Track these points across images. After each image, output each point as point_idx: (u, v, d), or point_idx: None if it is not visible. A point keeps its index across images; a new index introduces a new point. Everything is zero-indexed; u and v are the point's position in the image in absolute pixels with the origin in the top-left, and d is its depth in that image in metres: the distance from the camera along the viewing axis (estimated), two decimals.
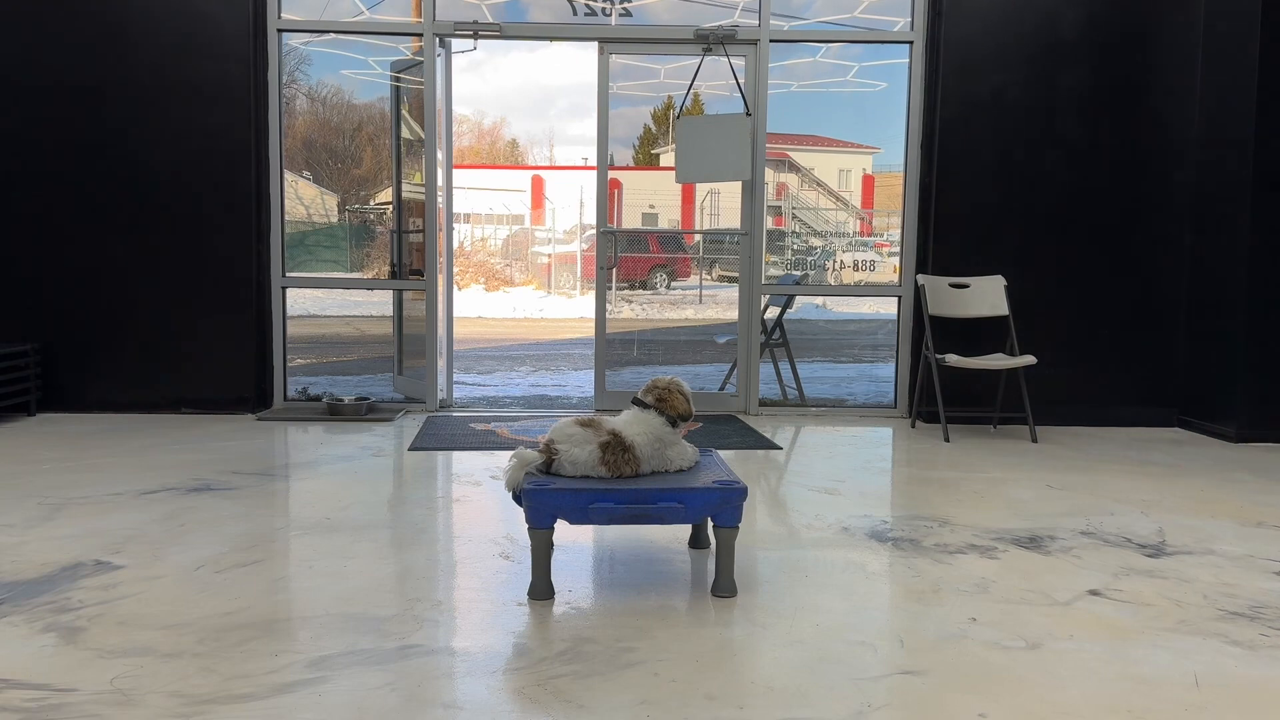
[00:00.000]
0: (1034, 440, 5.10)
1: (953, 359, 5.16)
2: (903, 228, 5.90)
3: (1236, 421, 5.17)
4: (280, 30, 5.58)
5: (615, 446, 2.71)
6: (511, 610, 2.57)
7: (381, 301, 11.37)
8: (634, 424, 2.80)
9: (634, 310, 14.70)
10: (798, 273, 16.31)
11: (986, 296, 5.45)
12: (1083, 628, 2.50)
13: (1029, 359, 5.11)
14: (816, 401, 6.30)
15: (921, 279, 5.50)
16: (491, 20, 5.73)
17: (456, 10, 5.83)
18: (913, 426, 5.52)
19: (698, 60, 5.76)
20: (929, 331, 5.36)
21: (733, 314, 6.09)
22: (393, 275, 6.62)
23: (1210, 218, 5.43)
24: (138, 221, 5.44)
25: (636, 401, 2.89)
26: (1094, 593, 2.77)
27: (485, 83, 48.65)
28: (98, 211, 5.42)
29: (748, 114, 5.68)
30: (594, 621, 2.49)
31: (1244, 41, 5.15)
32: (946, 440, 5.09)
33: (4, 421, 5.16)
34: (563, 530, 2.73)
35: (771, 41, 5.72)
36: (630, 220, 18.40)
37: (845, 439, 5.16)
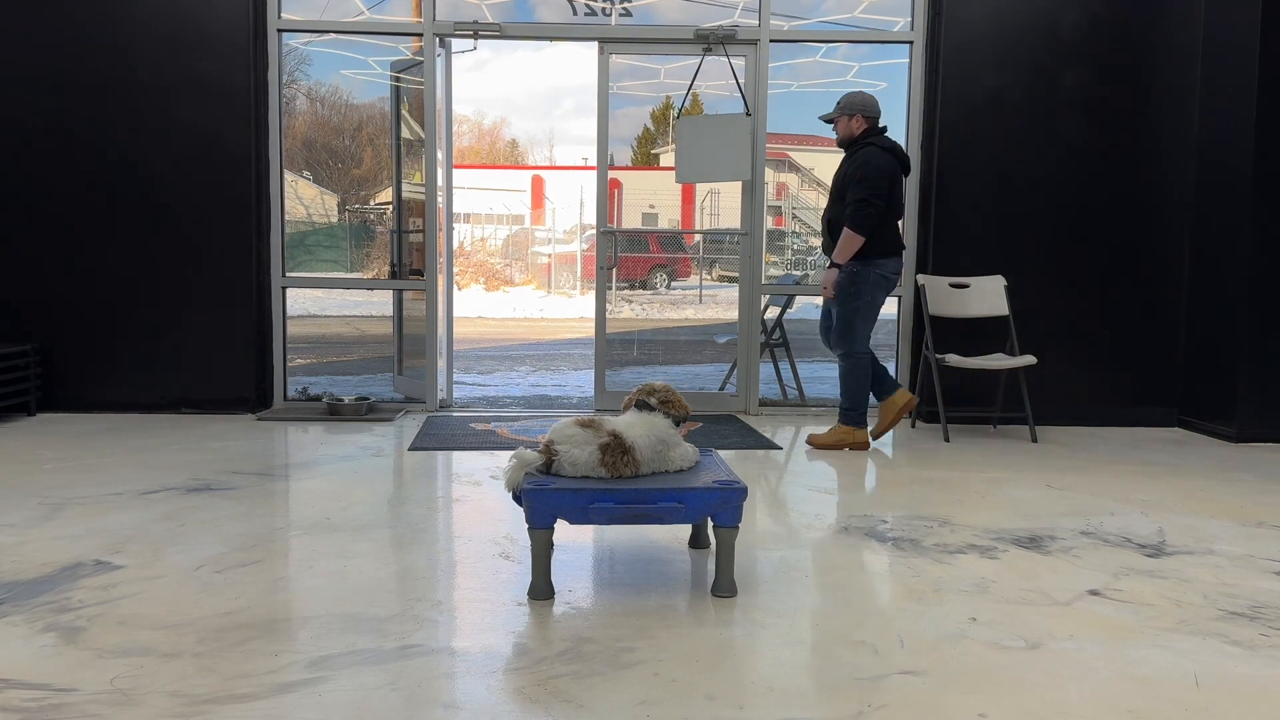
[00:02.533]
0: (1034, 440, 5.10)
1: (953, 359, 5.16)
2: (903, 228, 5.89)
3: (1236, 421, 5.17)
4: (280, 30, 5.58)
5: (615, 448, 2.70)
6: (511, 610, 2.57)
7: (381, 301, 11.36)
8: (638, 425, 2.80)
9: (634, 310, 14.70)
10: (798, 273, 16.30)
11: (986, 296, 5.45)
12: (1083, 628, 2.50)
13: (1029, 359, 5.11)
14: (816, 401, 6.29)
15: (921, 279, 5.50)
16: (491, 20, 5.73)
17: (456, 10, 5.83)
18: (913, 426, 5.52)
19: (698, 60, 5.76)
20: (929, 331, 5.36)
21: (733, 314, 6.09)
22: (393, 275, 6.62)
23: (1210, 218, 5.42)
24: (138, 221, 5.44)
25: (640, 404, 2.89)
26: (1094, 593, 2.77)
27: (490, 82, 48.73)
28: (97, 211, 5.42)
29: (748, 114, 5.68)
30: (594, 621, 2.49)
31: (1244, 41, 5.15)
32: (946, 440, 5.09)
33: (4, 421, 5.16)
34: (563, 530, 2.73)
35: (771, 41, 5.72)
36: (630, 220, 18.39)
37: None
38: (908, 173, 4.84)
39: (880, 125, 4.79)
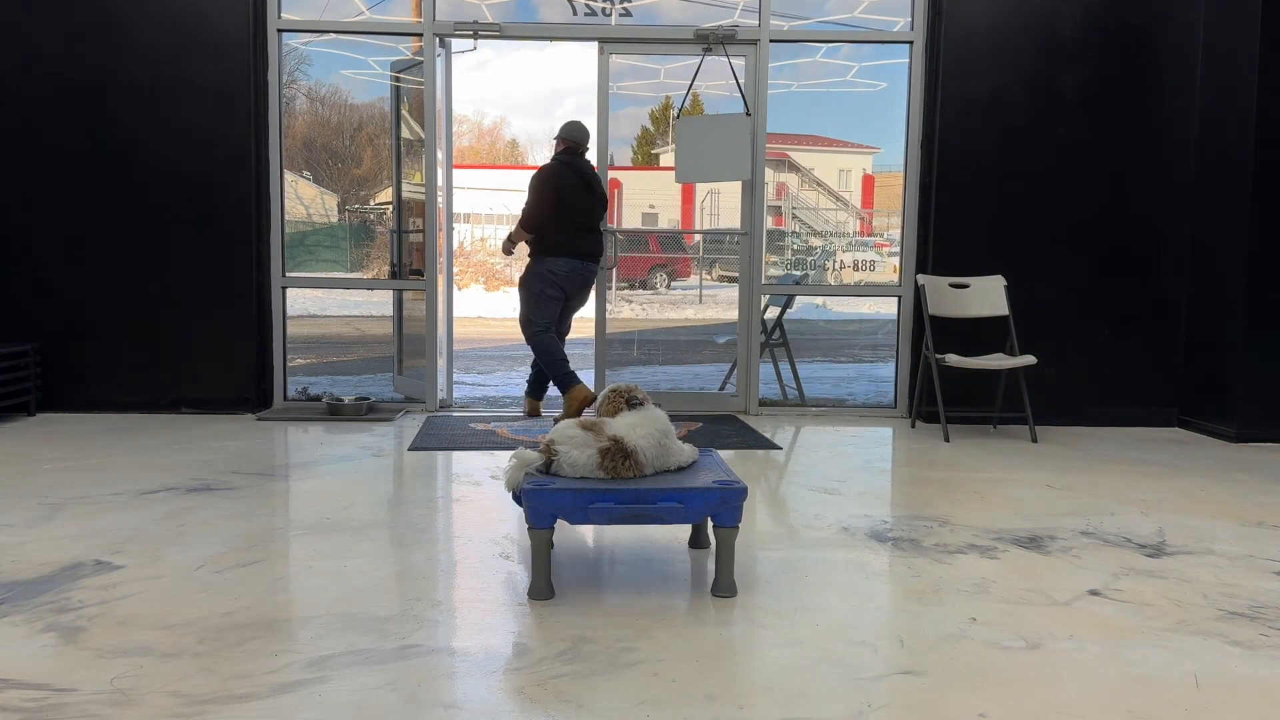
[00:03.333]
0: (1034, 440, 5.10)
1: (953, 359, 5.16)
2: (903, 228, 5.90)
3: (1236, 421, 5.17)
4: (280, 30, 5.57)
5: (615, 453, 2.69)
6: (511, 610, 2.57)
7: (381, 301, 11.37)
8: (640, 425, 2.78)
9: (634, 310, 14.70)
10: (798, 273, 16.31)
11: (986, 296, 5.45)
12: (1083, 628, 2.50)
13: (1029, 359, 5.11)
14: (816, 401, 6.29)
15: (921, 279, 5.50)
16: (491, 20, 5.73)
17: (456, 10, 5.83)
18: (913, 426, 5.52)
19: (698, 60, 5.76)
20: (929, 331, 5.36)
21: (733, 314, 6.09)
22: (393, 275, 6.62)
23: (1210, 218, 5.42)
24: (137, 221, 5.44)
25: (631, 402, 2.89)
26: (1094, 593, 2.77)
27: (492, 82, 48.77)
28: (97, 211, 5.42)
29: (748, 114, 5.68)
30: (594, 621, 2.49)
31: (1244, 41, 5.15)
32: (946, 440, 5.09)
33: (4, 421, 5.16)
34: (563, 530, 2.73)
35: (771, 41, 5.72)
36: (630, 220, 18.40)
37: (845, 439, 5.16)
38: (592, 190, 5.45)
39: (582, 149, 5.50)
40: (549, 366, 5.40)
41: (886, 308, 4.89)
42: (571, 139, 5.47)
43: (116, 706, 1.99)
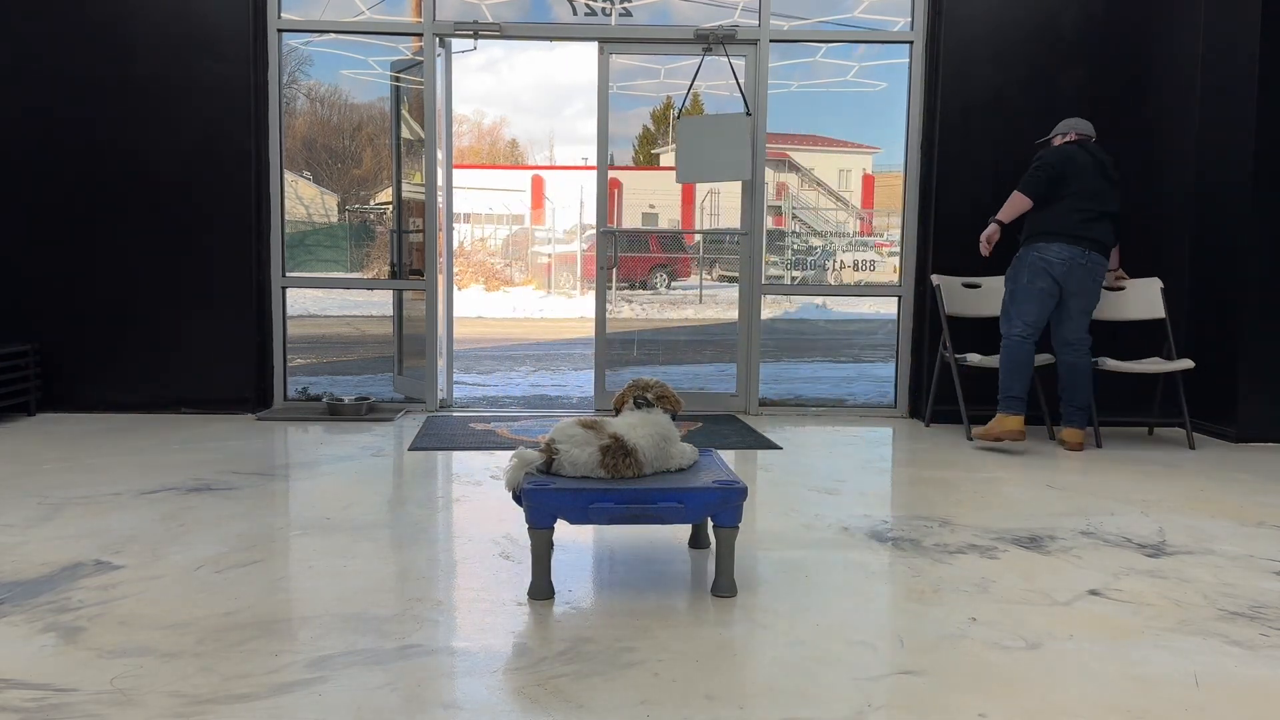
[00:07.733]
0: (1051, 437, 5.09)
1: (974, 358, 5.15)
2: (903, 228, 5.90)
3: (1236, 421, 5.16)
4: (280, 30, 5.57)
5: (616, 450, 2.69)
6: (511, 610, 2.57)
7: (381, 301, 11.36)
8: (640, 425, 2.79)
9: (634, 310, 14.69)
10: (798, 273, 16.25)
11: (999, 297, 5.43)
12: (1083, 628, 2.50)
13: (1045, 357, 5.08)
14: (816, 401, 6.29)
15: (936, 279, 5.48)
16: (491, 20, 5.73)
17: (457, 10, 5.83)
18: (926, 425, 5.51)
19: (698, 60, 5.76)
20: (945, 331, 5.35)
21: (733, 314, 6.09)
22: (393, 275, 6.62)
23: (1210, 217, 5.42)
24: (138, 221, 5.44)
25: (639, 401, 2.88)
26: (1094, 593, 2.77)
27: (500, 82, 48.80)
28: (98, 211, 5.42)
29: (748, 114, 5.68)
30: (594, 621, 2.49)
31: (1244, 41, 5.15)
32: (969, 439, 5.06)
33: (4, 421, 5.16)
34: (563, 530, 2.73)
35: (771, 41, 5.72)
36: (630, 220, 18.38)
37: (845, 439, 5.16)
38: (1105, 172, 4.92)
39: (1086, 135, 5.03)
40: (1004, 376, 4.87)
41: (886, 308, 4.89)
42: (1082, 131, 5.02)
43: (116, 706, 1.99)
